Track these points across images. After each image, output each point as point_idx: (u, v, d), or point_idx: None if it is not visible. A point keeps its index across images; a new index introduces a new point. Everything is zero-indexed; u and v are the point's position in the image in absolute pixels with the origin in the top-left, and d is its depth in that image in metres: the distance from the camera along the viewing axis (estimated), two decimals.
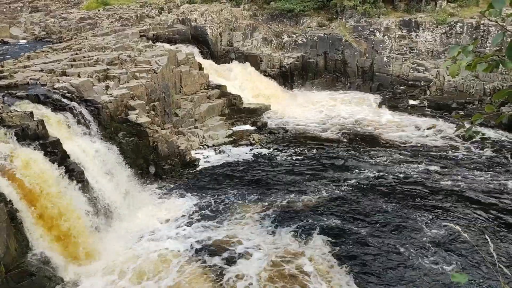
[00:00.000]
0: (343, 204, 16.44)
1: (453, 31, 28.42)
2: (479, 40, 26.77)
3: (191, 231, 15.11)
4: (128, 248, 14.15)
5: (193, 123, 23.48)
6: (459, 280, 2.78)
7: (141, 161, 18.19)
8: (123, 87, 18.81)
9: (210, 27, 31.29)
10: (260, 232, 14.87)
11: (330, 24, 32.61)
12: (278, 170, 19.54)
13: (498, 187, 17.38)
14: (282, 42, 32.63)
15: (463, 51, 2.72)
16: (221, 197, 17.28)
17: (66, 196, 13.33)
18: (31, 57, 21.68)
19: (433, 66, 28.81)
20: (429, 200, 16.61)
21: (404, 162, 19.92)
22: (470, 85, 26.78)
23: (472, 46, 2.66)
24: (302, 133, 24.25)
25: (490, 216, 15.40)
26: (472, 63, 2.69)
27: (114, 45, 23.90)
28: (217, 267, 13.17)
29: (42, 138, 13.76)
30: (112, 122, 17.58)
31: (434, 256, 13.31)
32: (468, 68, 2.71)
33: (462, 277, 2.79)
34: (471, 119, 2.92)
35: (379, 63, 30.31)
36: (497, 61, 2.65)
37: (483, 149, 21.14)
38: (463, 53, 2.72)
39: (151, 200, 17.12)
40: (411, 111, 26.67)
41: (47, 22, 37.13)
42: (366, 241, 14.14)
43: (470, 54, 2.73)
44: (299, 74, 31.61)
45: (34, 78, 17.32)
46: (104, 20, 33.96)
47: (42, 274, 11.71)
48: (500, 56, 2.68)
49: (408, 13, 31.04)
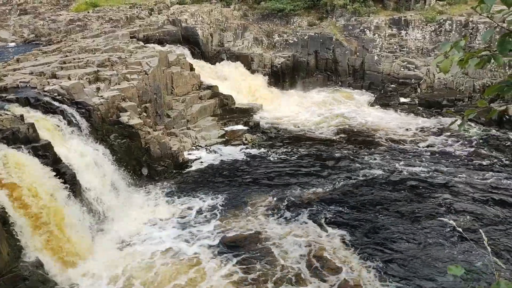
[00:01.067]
0: (338, 200, 16.51)
1: (442, 28, 28.63)
2: (468, 37, 26.96)
3: (185, 232, 15.08)
4: (121, 250, 14.09)
5: (185, 124, 23.43)
6: (455, 272, 2.80)
7: (133, 163, 18.11)
8: (114, 88, 18.72)
9: (200, 28, 31.23)
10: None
11: (321, 23, 32.69)
12: (271, 170, 19.56)
13: (489, 182, 17.53)
14: (273, 42, 32.66)
15: (455, 46, 2.74)
16: (215, 197, 17.26)
17: (58, 199, 13.24)
18: (20, 59, 21.48)
19: (423, 64, 29.00)
20: (423, 195, 16.74)
21: (395, 158, 20.02)
22: (460, 82, 26.99)
23: (464, 42, 2.68)
24: (294, 132, 24.29)
25: (483, 210, 15.54)
26: (464, 58, 2.71)
27: (104, 47, 23.76)
28: (212, 267, 13.18)
29: (33, 141, 13.66)
30: (103, 124, 17.50)
31: (429, 250, 13.43)
32: (460, 64, 2.73)
33: (458, 269, 2.81)
34: (464, 114, 2.95)
35: (369, 62, 30.44)
36: (489, 56, 2.68)
37: (474, 144, 21.31)
38: (455, 48, 2.74)
39: (144, 202, 17.04)
40: (402, 108, 26.82)
41: (36, 24, 36.84)
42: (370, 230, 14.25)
43: (462, 49, 2.76)
44: (290, 74, 31.63)
45: (24, 81, 17.16)
46: (94, 22, 33.73)
47: (35, 278, 11.61)
48: (491, 51, 2.71)
49: (398, 11, 31.22)
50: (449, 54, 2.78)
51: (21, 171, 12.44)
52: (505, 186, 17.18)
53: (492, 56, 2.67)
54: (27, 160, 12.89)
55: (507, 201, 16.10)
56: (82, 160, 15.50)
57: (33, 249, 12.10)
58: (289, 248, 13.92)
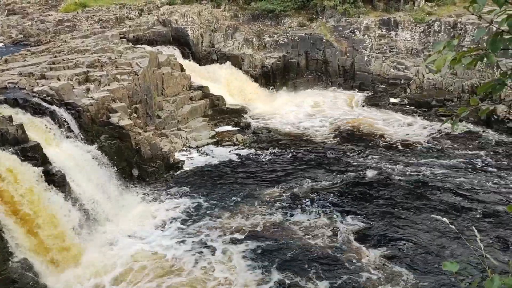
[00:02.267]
0: (331, 197, 16.56)
1: (432, 29, 28.87)
2: (460, 36, 27.19)
3: (177, 232, 15.03)
4: (111, 251, 14.00)
5: (176, 125, 23.34)
6: (450, 268, 2.83)
7: (124, 164, 17.98)
8: (104, 89, 18.59)
9: (191, 28, 31.14)
10: (246, 232, 14.89)
11: (311, 24, 32.77)
12: (262, 170, 19.57)
13: (482, 181, 17.71)
14: (264, 43, 32.67)
15: (448, 45, 2.77)
16: (206, 197, 17.22)
17: (47, 201, 13.11)
18: (8, 60, 21.24)
19: (413, 64, 29.22)
20: (416, 193, 16.89)
21: (387, 158, 20.13)
22: (449, 82, 27.23)
23: (457, 41, 2.71)
24: (285, 132, 24.33)
25: (476, 208, 15.72)
26: (457, 57, 2.74)
27: (94, 48, 23.59)
28: (208, 267, 13.15)
29: (22, 142, 13.50)
30: (93, 125, 17.37)
31: (422, 247, 13.54)
32: (453, 63, 2.75)
33: (453, 265, 2.83)
34: (457, 112, 2.98)
35: (359, 62, 30.60)
36: (482, 55, 2.71)
37: (465, 144, 21.53)
38: (447, 47, 2.77)
39: (134, 203, 16.94)
40: (392, 108, 27.01)
41: (25, 25, 36.41)
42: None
43: (454, 48, 2.79)
44: (281, 74, 31.66)
45: (12, 82, 16.98)
46: (83, 22, 33.44)
47: (24, 280, 11.49)
48: (483, 50, 2.73)
49: (387, 12, 31.42)
50: (442, 53, 2.81)
51: (10, 173, 12.29)
52: (494, 184, 17.38)
53: (484, 54, 2.70)
54: (15, 162, 12.74)
55: (498, 199, 16.28)
56: (71, 161, 15.37)
57: (22, 251, 11.97)
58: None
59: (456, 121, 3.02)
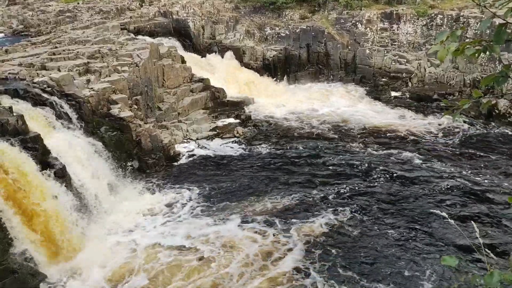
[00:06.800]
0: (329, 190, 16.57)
1: (434, 23, 28.69)
2: (464, 27, 27.00)
3: (176, 225, 15.05)
4: (111, 242, 14.03)
5: (176, 117, 23.30)
6: (449, 263, 2.81)
7: (124, 155, 17.98)
8: (104, 81, 18.55)
9: (192, 20, 31.00)
10: (246, 226, 14.91)
11: (313, 16, 32.59)
12: (263, 163, 19.56)
13: (481, 176, 17.69)
14: (265, 35, 32.51)
15: (451, 36, 2.73)
16: (206, 190, 17.22)
17: (47, 192, 13.12)
18: (9, 51, 21.19)
19: (415, 58, 29.08)
20: (416, 188, 16.86)
21: (389, 152, 20.10)
22: (451, 76, 27.13)
23: (461, 31, 2.67)
24: (285, 125, 24.29)
25: (475, 204, 15.70)
26: (460, 48, 2.70)
27: (95, 39, 23.51)
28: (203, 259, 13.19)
29: (22, 133, 13.49)
30: (94, 117, 17.35)
31: (422, 242, 13.55)
32: (456, 54, 2.72)
33: (452, 260, 2.82)
34: (459, 104, 2.95)
35: (361, 55, 30.46)
36: (485, 46, 2.67)
37: (464, 139, 21.49)
38: (451, 38, 2.73)
39: (134, 194, 16.96)
40: (394, 102, 26.94)
41: (25, 15, 36.29)
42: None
43: (458, 39, 2.75)
44: (282, 67, 31.54)
45: (12, 73, 16.95)
46: (84, 13, 33.32)
47: (24, 271, 11.53)
48: (487, 41, 2.70)
49: (389, 5, 31.21)
50: (445, 44, 2.77)
51: (10, 163, 12.29)
52: (494, 180, 17.37)
53: (488, 46, 2.67)
54: (16, 152, 12.73)
55: (497, 195, 16.26)
56: (72, 153, 15.36)
57: (22, 241, 12.00)
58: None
59: (457, 113, 3.00)
